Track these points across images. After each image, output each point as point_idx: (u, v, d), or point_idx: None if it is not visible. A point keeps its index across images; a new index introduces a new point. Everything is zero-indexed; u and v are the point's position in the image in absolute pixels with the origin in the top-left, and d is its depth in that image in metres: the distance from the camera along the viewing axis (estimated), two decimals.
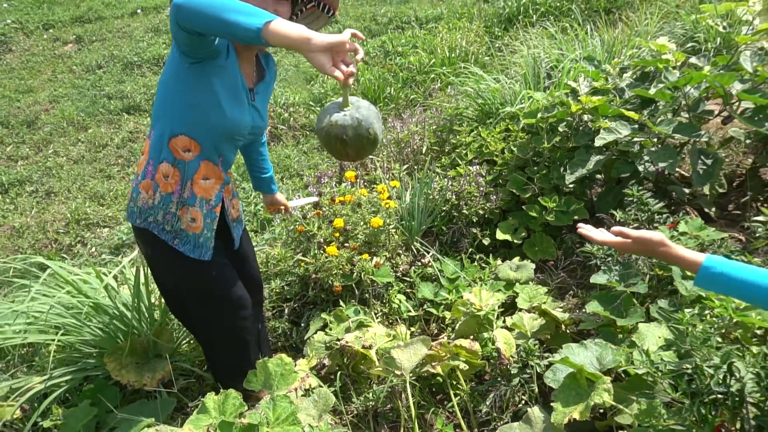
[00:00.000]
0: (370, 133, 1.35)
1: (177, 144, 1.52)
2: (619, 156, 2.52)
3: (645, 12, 5.62)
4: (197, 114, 1.49)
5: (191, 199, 1.58)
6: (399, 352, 1.69)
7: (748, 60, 2.35)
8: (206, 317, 1.71)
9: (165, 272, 1.70)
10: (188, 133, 1.52)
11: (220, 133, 1.54)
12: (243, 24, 1.16)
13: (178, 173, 1.55)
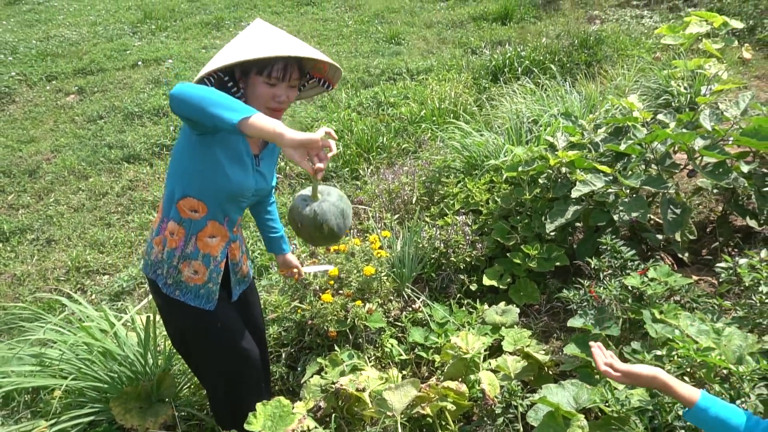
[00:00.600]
0: (324, 228, 1.51)
1: (185, 205, 1.66)
2: (596, 206, 2.70)
3: (622, 66, 5.99)
4: (204, 179, 1.64)
5: (194, 253, 1.71)
6: (390, 394, 1.80)
7: (707, 119, 2.58)
8: (210, 364, 1.82)
9: (171, 320, 1.83)
10: (195, 195, 1.66)
11: (225, 196, 1.68)
12: (223, 118, 1.31)
13: (182, 230, 1.69)
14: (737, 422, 1.24)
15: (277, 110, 1.67)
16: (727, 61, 5.92)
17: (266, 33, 1.62)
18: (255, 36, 1.61)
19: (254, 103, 1.63)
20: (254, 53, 1.53)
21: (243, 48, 1.56)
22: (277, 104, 1.64)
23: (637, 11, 8.57)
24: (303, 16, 10.19)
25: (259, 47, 1.54)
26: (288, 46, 1.58)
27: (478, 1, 10.13)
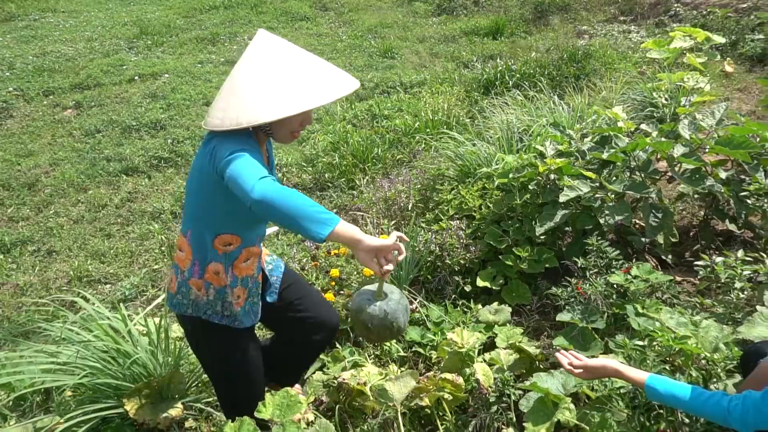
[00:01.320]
0: (394, 326, 1.54)
1: (219, 242, 1.67)
2: (583, 210, 2.84)
3: (609, 79, 6.19)
4: (238, 216, 1.65)
5: (233, 282, 1.73)
6: (391, 385, 1.91)
7: (686, 128, 2.74)
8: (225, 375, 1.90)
9: (206, 346, 1.86)
10: (229, 231, 1.67)
11: (258, 222, 1.75)
12: (311, 233, 1.35)
13: (221, 266, 1.70)
14: (682, 394, 1.40)
15: (298, 134, 1.70)
16: (710, 75, 6.14)
17: (309, 67, 1.58)
18: (293, 73, 1.55)
19: (281, 130, 1.64)
20: (313, 101, 1.52)
21: (298, 92, 1.52)
22: (301, 129, 1.68)
23: (625, 26, 8.83)
24: (297, 31, 10.38)
25: (317, 91, 1.53)
26: (339, 82, 1.58)
27: (469, 17, 10.39)
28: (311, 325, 2.01)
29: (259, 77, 1.53)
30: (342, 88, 1.57)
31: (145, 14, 11.68)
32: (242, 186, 1.38)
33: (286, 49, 1.60)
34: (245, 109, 1.50)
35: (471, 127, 5.03)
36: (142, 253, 4.65)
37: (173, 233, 4.63)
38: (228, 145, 1.50)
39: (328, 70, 1.61)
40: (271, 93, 1.51)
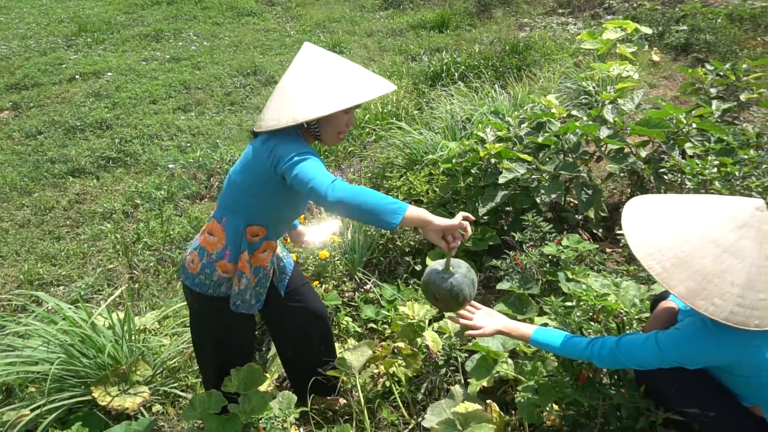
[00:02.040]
0: (459, 297, 1.70)
1: (249, 232, 1.81)
2: (521, 191, 3.07)
3: (548, 69, 6.52)
4: (279, 212, 1.82)
5: (253, 270, 1.86)
6: (349, 354, 2.07)
7: (609, 112, 3.01)
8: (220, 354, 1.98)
9: (213, 324, 1.94)
10: (261, 223, 1.81)
11: (289, 221, 1.91)
12: (385, 223, 1.49)
13: (247, 254, 1.82)
14: (556, 341, 1.67)
15: (343, 135, 1.81)
16: (639, 64, 6.58)
17: (352, 69, 1.73)
18: (341, 74, 1.70)
19: (329, 132, 1.76)
20: (359, 96, 1.67)
21: (339, 90, 1.65)
22: (347, 129, 1.79)
23: (563, 19, 9.22)
24: (244, 27, 10.31)
25: (362, 88, 1.68)
26: (379, 82, 1.73)
27: (416, 10, 10.58)
28: (305, 316, 2.10)
29: (309, 79, 1.67)
30: (383, 86, 1.73)
31: (83, 10, 11.27)
32: (316, 189, 1.52)
33: (329, 56, 1.76)
34: (300, 106, 1.63)
35: (419, 118, 5.23)
36: (95, 253, 4.61)
37: (127, 232, 4.61)
38: (290, 147, 1.63)
39: (368, 72, 1.78)
40: (322, 91, 1.65)
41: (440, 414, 1.84)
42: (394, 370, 2.20)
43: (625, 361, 1.53)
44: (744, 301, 1.33)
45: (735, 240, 1.35)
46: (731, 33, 6.40)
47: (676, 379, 1.57)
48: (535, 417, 1.75)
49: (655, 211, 1.48)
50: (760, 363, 1.45)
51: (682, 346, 1.45)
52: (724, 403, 1.56)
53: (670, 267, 1.37)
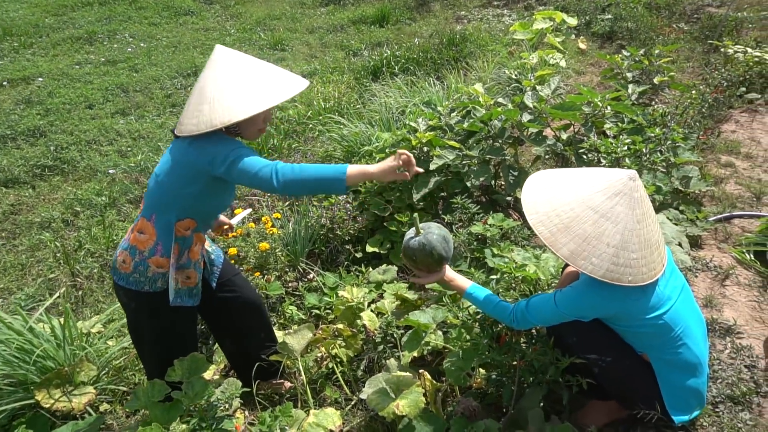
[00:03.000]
0: (434, 254, 1.84)
1: (181, 226, 1.86)
2: (453, 176, 3.24)
3: (483, 60, 6.76)
4: (208, 205, 1.87)
5: (187, 263, 1.92)
6: (290, 338, 2.17)
7: (529, 98, 3.21)
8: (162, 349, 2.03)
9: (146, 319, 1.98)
10: (191, 216, 1.86)
11: (218, 213, 1.97)
12: (334, 190, 1.69)
13: (178, 247, 1.88)
14: (487, 301, 1.83)
15: (263, 131, 1.91)
16: (568, 52, 6.91)
17: (267, 70, 1.80)
18: (255, 76, 1.76)
19: (249, 129, 1.85)
20: (274, 98, 1.74)
21: (254, 94, 1.72)
22: (265, 125, 1.90)
23: (498, 10, 9.51)
24: (182, 27, 10.12)
25: (278, 89, 1.76)
26: (294, 81, 1.83)
27: (356, 6, 10.66)
28: (241, 306, 2.16)
29: (225, 83, 1.74)
30: (297, 85, 1.84)
31: (6, 13, 10.76)
32: (263, 180, 1.68)
33: (242, 58, 1.83)
34: (217, 111, 1.71)
35: (363, 112, 5.34)
36: (35, 264, 4.49)
37: (68, 241, 4.52)
38: (221, 147, 1.74)
39: (283, 72, 1.86)
40: (238, 95, 1.73)
41: (376, 386, 1.97)
42: (336, 352, 2.32)
43: (532, 320, 1.71)
44: (618, 260, 1.52)
45: (611, 206, 1.54)
46: (649, 21, 6.81)
47: (577, 329, 1.76)
48: (462, 380, 1.90)
49: (548, 184, 1.66)
50: (639, 315, 1.65)
51: (574, 302, 1.64)
52: (620, 349, 1.76)
53: (556, 231, 1.55)
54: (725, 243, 2.89)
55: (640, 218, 1.55)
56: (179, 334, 2.03)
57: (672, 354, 1.72)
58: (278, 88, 1.78)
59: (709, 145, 3.88)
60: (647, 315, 1.64)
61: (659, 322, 1.66)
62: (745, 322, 2.35)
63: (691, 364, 1.74)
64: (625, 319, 1.68)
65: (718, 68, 5.11)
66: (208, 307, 2.12)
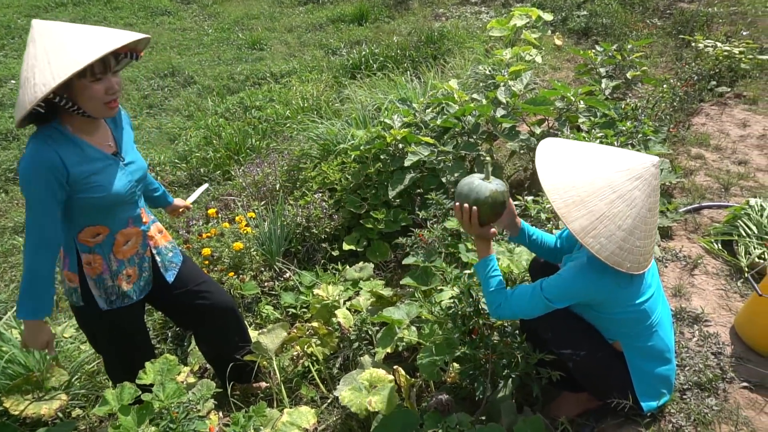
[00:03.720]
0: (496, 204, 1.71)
1: (85, 236, 1.74)
2: (429, 172, 3.25)
3: (461, 57, 6.78)
4: (89, 210, 1.71)
5: (121, 265, 1.83)
6: (264, 338, 2.16)
7: (503, 94, 3.23)
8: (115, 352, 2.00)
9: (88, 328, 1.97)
10: (93, 223, 1.74)
11: (115, 207, 1.75)
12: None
13: (98, 256, 1.78)
14: (490, 281, 1.79)
15: (114, 102, 1.65)
16: (545, 48, 6.97)
17: (65, 35, 1.54)
18: (58, 44, 1.51)
19: (91, 105, 1.61)
20: (76, 63, 1.48)
21: (58, 62, 1.49)
22: (112, 95, 1.63)
23: (476, 8, 9.55)
24: (159, 27, 10.00)
25: (75, 54, 1.50)
26: (100, 40, 1.54)
27: (335, 4, 10.63)
28: (213, 311, 2.10)
29: (29, 62, 1.52)
30: (117, 39, 1.57)
31: None
32: None
33: (58, 28, 1.57)
34: (27, 94, 1.49)
35: (342, 111, 5.33)
36: (8, 269, 4.41)
37: None
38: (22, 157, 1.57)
39: (102, 31, 1.59)
40: (46, 67, 1.48)
41: (351, 383, 1.97)
42: (311, 350, 2.31)
43: (513, 308, 1.70)
44: (625, 245, 1.50)
45: (629, 189, 1.51)
46: (623, 17, 6.90)
47: (551, 325, 1.78)
48: (435, 375, 1.91)
49: (565, 153, 1.62)
50: (624, 301, 1.67)
51: (563, 287, 1.64)
52: (593, 343, 1.78)
53: (570, 204, 1.50)
54: (695, 233, 2.94)
55: (652, 207, 1.54)
56: (127, 335, 1.97)
57: (645, 341, 1.75)
58: (89, 46, 1.51)
59: (680, 138, 3.94)
60: (631, 302, 1.67)
61: (640, 309, 1.69)
62: (713, 310, 2.40)
63: (661, 351, 1.78)
64: (609, 306, 1.69)
65: (689, 62, 5.20)
66: (181, 314, 2.10)
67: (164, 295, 2.02)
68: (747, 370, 2.08)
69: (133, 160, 1.84)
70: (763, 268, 2.51)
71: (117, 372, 2.02)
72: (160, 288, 2.01)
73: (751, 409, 1.93)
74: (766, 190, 3.28)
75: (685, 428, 1.84)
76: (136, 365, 1.91)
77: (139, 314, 2.01)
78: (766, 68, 5.12)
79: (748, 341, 2.20)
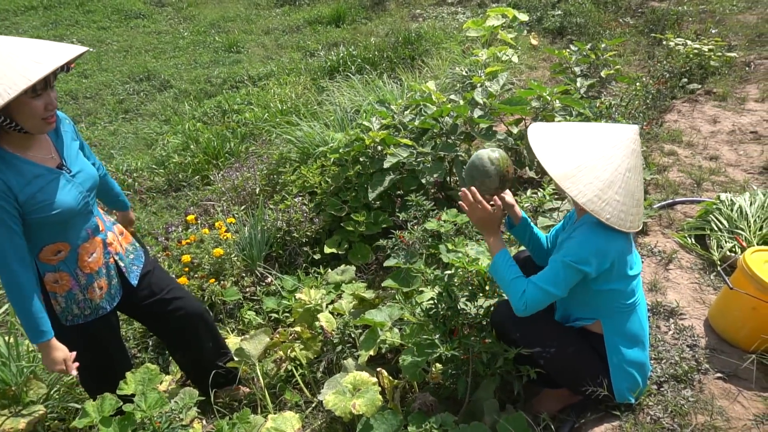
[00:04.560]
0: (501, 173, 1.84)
1: (46, 255, 1.70)
2: (409, 174, 3.27)
3: (438, 58, 6.82)
4: (49, 227, 1.67)
5: (90, 278, 1.80)
6: (246, 344, 2.15)
7: (479, 94, 3.27)
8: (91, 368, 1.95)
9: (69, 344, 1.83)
10: (52, 240, 1.70)
11: (70, 220, 1.70)
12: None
13: (65, 274, 1.75)
14: (507, 274, 1.81)
15: (52, 118, 1.60)
16: (521, 48, 7.04)
17: (7, 48, 1.47)
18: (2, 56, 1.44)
19: (30, 122, 1.55)
20: (25, 79, 1.43)
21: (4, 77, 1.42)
22: (51, 111, 1.58)
23: (453, 8, 9.60)
24: (134, 30, 9.86)
25: (23, 70, 1.44)
26: (45, 54, 1.48)
27: (312, 6, 10.60)
28: (183, 318, 2.08)
29: None
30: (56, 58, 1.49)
31: None
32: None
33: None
34: None
35: (320, 113, 5.32)
36: None
37: None
38: None
39: (39, 46, 1.51)
40: None
41: (335, 387, 1.98)
42: (295, 354, 2.31)
43: (544, 287, 1.71)
44: (602, 195, 1.64)
45: (610, 147, 1.67)
46: (597, 16, 7.02)
47: (519, 325, 1.82)
48: (417, 376, 1.93)
49: (554, 129, 1.77)
50: (620, 269, 1.72)
51: (583, 245, 1.68)
52: (563, 339, 1.82)
53: (553, 155, 1.67)
54: (669, 229, 3.01)
55: (632, 167, 1.67)
56: (102, 347, 1.94)
57: (625, 321, 1.81)
58: (35, 60, 1.45)
59: (653, 135, 4.02)
60: (625, 271, 1.74)
61: (630, 282, 1.77)
62: (687, 304, 2.46)
63: (638, 335, 1.83)
64: (607, 274, 1.73)
65: (661, 60, 5.31)
66: (153, 321, 2.09)
67: (134, 302, 2.01)
68: (720, 361, 2.14)
69: (81, 169, 1.77)
70: (735, 260, 2.59)
71: (93, 384, 2.00)
72: (128, 294, 1.98)
73: (725, 399, 1.98)
74: (736, 185, 3.37)
75: (663, 420, 1.89)
76: (112, 377, 1.91)
77: (115, 324, 1.99)
78: (734, 65, 5.26)
79: (720, 333, 2.26)
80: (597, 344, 1.83)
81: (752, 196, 2.93)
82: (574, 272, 1.71)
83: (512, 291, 1.79)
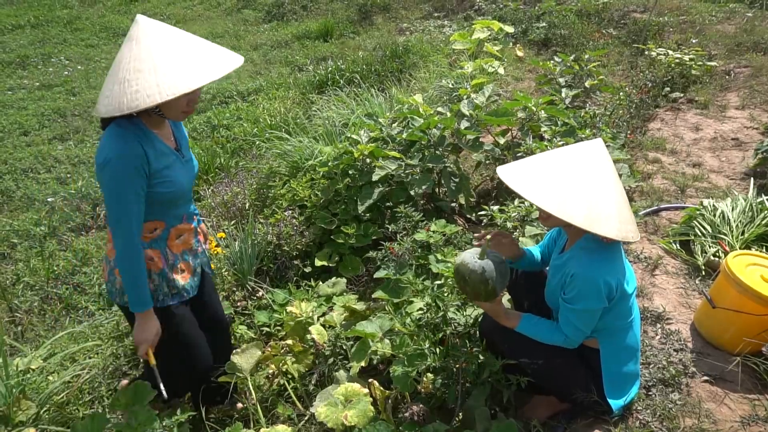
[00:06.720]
0: (489, 284, 1.70)
1: (143, 232, 1.76)
2: (397, 186, 3.30)
3: (425, 70, 6.90)
4: (154, 203, 1.74)
5: (176, 259, 1.88)
6: (238, 358, 2.15)
7: (466, 106, 3.32)
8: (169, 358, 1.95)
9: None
10: (151, 218, 1.77)
11: (175, 202, 1.82)
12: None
13: (156, 251, 1.83)
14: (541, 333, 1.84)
15: (191, 111, 1.74)
16: (507, 60, 7.15)
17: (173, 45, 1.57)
18: (167, 54, 1.55)
19: (172, 112, 1.69)
20: (187, 85, 1.53)
21: (166, 76, 1.53)
22: (192, 106, 1.72)
23: (439, 21, 9.73)
24: None
25: (186, 74, 1.54)
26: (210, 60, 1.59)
27: (300, 21, 10.69)
28: (220, 324, 2.17)
29: (132, 63, 1.55)
30: (224, 65, 1.61)
31: None
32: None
33: (164, 31, 1.60)
34: (126, 97, 1.53)
35: (309, 127, 5.35)
36: None
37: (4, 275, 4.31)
38: (102, 147, 1.63)
39: (207, 48, 1.64)
40: (151, 77, 1.53)
41: (327, 398, 1.98)
42: (287, 368, 2.31)
43: (576, 324, 1.76)
44: (567, 194, 1.65)
45: (587, 166, 1.68)
46: (580, 27, 7.15)
47: (507, 337, 1.85)
48: (409, 386, 1.94)
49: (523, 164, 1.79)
50: (624, 287, 1.75)
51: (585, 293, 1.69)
52: (549, 351, 1.84)
53: (524, 182, 1.70)
54: (654, 235, 3.06)
55: (596, 171, 1.67)
56: (184, 335, 1.96)
57: (623, 337, 1.84)
58: (198, 68, 1.56)
59: (637, 143, 4.10)
60: (627, 287, 1.75)
61: (630, 298, 1.79)
62: (674, 308, 2.49)
63: (633, 349, 1.87)
64: (617, 294, 1.74)
65: (643, 70, 5.42)
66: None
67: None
68: (707, 364, 2.18)
69: (191, 158, 1.94)
70: (717, 263, 2.63)
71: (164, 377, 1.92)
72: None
73: (712, 402, 2.01)
74: (718, 191, 3.44)
75: (652, 424, 1.91)
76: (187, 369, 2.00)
77: (190, 318, 2.00)
78: (714, 74, 5.37)
79: (706, 337, 2.30)
80: (588, 355, 1.86)
81: (734, 201, 3.00)
82: (590, 314, 1.76)
83: (555, 341, 1.84)
